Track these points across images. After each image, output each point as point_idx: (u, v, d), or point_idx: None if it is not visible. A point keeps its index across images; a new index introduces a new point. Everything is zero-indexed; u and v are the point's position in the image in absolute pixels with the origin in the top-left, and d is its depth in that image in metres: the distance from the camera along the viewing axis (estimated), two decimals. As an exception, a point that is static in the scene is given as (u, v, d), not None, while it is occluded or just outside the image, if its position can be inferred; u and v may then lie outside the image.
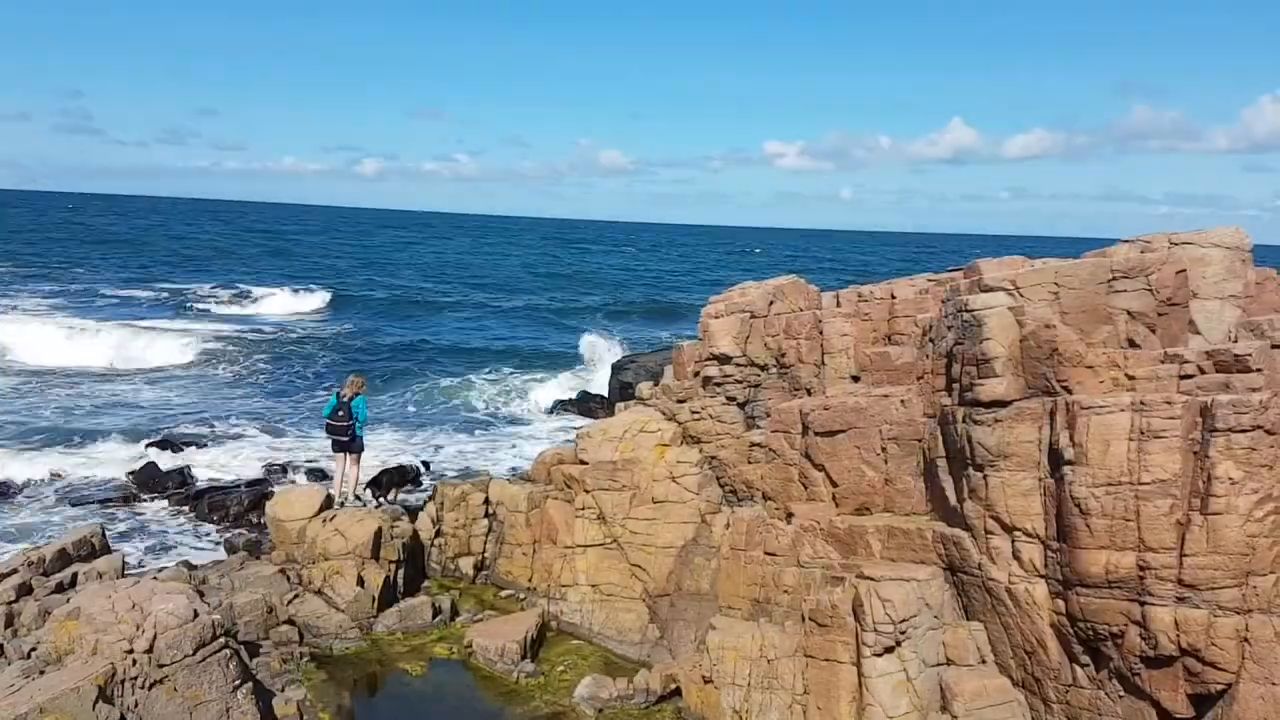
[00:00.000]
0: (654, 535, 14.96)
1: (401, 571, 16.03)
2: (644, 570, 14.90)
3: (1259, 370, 10.25)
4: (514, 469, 24.05)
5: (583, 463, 15.81)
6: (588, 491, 15.43)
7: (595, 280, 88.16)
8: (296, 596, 15.25)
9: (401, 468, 18.72)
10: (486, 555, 17.11)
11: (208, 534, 20.03)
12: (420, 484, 18.85)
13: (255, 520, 20.26)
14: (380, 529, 16.08)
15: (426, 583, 16.80)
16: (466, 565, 17.04)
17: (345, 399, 17.05)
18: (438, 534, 17.25)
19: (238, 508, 21.10)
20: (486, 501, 17.26)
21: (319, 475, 23.60)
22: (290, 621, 14.72)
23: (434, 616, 15.33)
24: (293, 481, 23.01)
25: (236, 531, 19.83)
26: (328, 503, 17.05)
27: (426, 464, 19.67)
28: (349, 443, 17.21)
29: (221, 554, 18.35)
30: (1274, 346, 11.83)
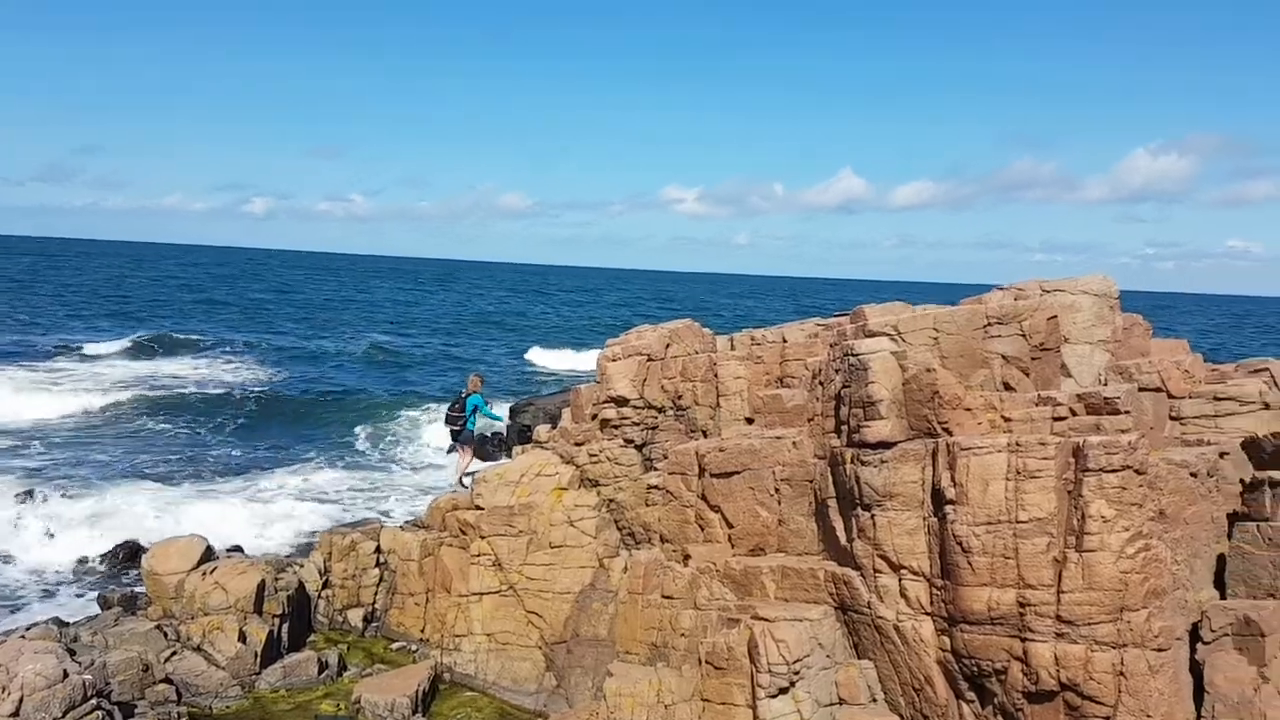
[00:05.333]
0: (551, 581, 14.80)
1: (286, 625, 15.47)
2: (541, 617, 14.70)
3: (1127, 412, 10.79)
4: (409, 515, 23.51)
5: (478, 508, 15.59)
6: (483, 537, 15.19)
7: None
8: (174, 653, 14.54)
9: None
10: (377, 606, 16.64)
11: (80, 588, 18.97)
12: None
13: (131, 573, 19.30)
14: (263, 581, 15.53)
15: (313, 636, 16.24)
16: (355, 617, 16.53)
17: (463, 395, 19.09)
18: (325, 585, 16.70)
19: (112, 560, 20.07)
20: (378, 550, 16.82)
21: (199, 520, 22.64)
22: (168, 680, 14.02)
23: (320, 672, 14.81)
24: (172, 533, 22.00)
25: (110, 586, 18.83)
26: (207, 554, 16.37)
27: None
28: (459, 432, 19.04)
29: (95, 609, 17.39)
30: (1141, 389, 12.53)
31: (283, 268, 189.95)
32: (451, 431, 19.46)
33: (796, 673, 11.32)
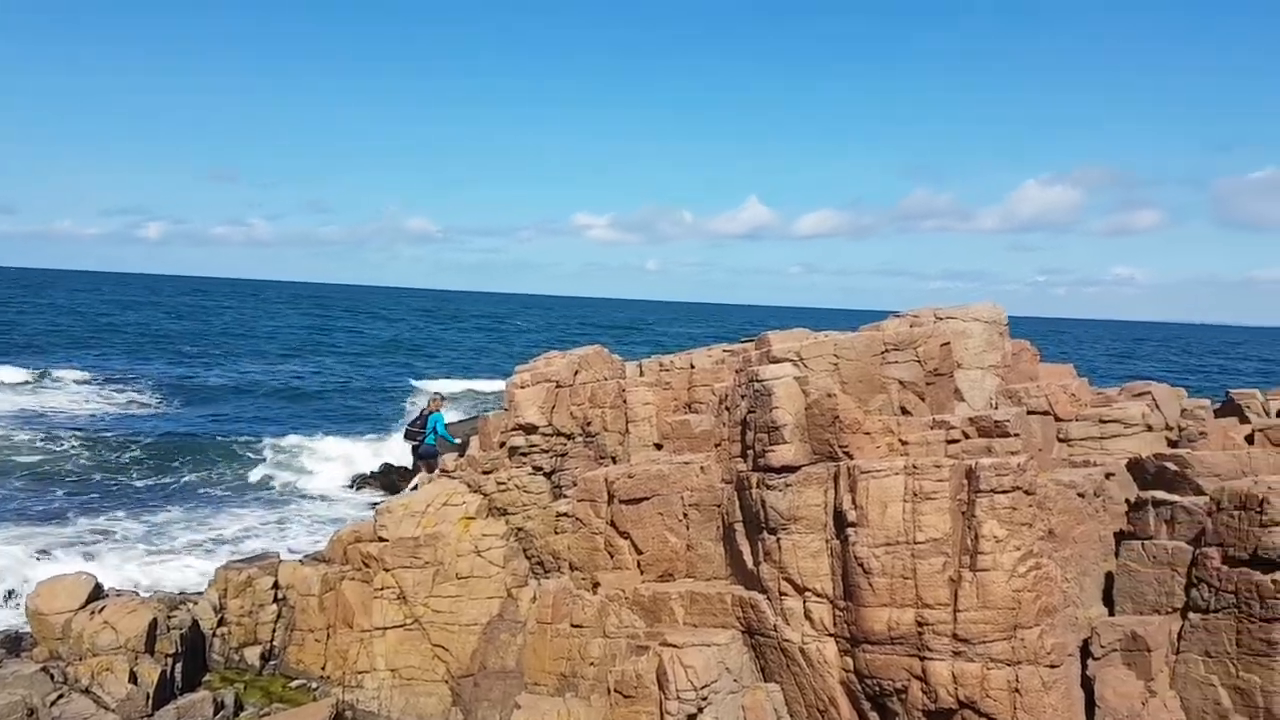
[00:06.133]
0: (458, 613, 14.57)
1: (179, 665, 14.92)
2: (447, 650, 14.45)
3: (1016, 435, 11.18)
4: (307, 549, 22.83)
5: (382, 540, 15.26)
6: (387, 570, 14.89)
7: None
8: (61, 697, 13.92)
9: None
10: (275, 644, 16.11)
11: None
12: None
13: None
14: (155, 619, 14.95)
15: (208, 676, 15.66)
16: (253, 655, 15.98)
17: (425, 413, 19.59)
18: (220, 622, 16.14)
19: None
20: (275, 586, 16.33)
21: (90, 558, 21.66)
22: (52, 725, 13.36)
23: (216, 712, 14.29)
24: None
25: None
26: (96, 593, 15.68)
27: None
28: (418, 447, 19.39)
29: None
30: (1030, 412, 13.00)
31: (181, 294, 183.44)
32: (412, 447, 20.02)
33: (704, 698, 11.35)
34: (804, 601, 11.30)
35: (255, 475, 32.61)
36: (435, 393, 20.90)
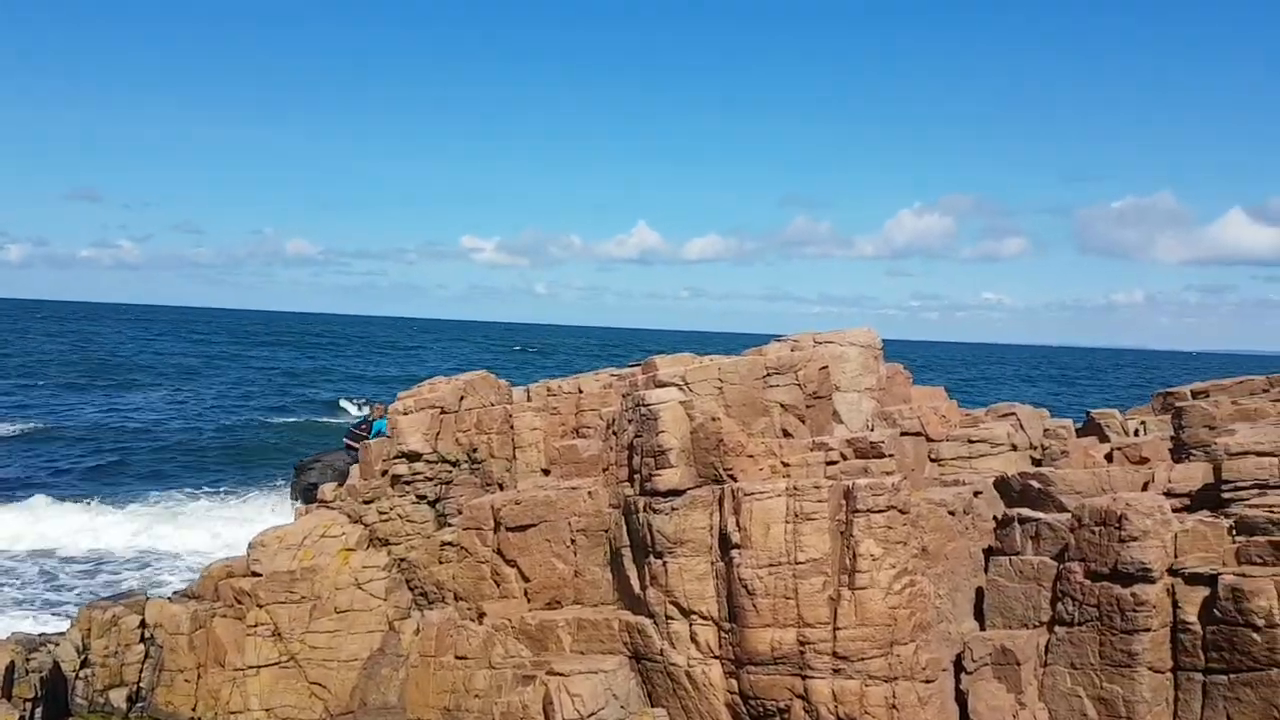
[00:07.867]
0: (337, 648, 14.14)
1: (39, 710, 14.15)
2: (325, 688, 13.99)
3: (891, 455, 11.53)
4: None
5: (255, 574, 14.70)
6: (261, 606, 14.34)
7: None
8: (-97, 750, 12.89)
9: None
10: (142, 685, 15.31)
11: None
12: None
13: None
14: (13, 662, 14.09)
15: (70, 721, 14.77)
16: (118, 697, 15.15)
17: (369, 420, 19.69)
18: (84, 664, 15.28)
19: None
20: (143, 624, 15.52)
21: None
22: (-109, 782, 12.40)
23: (77, 761, 13.47)
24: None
25: None
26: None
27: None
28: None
29: None
30: (903, 434, 13.43)
31: (43, 319, 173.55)
32: (350, 448, 20.24)
33: (591, 726, 11.28)
34: (690, 624, 11.37)
35: (122, 512, 30.95)
36: (377, 401, 20.69)
